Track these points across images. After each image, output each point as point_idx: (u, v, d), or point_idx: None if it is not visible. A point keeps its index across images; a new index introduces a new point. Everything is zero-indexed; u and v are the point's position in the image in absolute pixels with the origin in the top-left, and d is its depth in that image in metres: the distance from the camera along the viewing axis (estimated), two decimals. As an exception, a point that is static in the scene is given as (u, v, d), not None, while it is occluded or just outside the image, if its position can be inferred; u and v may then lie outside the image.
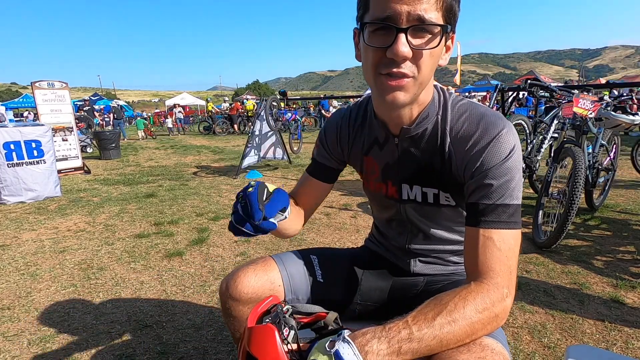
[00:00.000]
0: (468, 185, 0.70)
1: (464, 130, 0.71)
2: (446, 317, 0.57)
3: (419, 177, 0.80)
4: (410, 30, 0.60)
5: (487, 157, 0.67)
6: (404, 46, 0.60)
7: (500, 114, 0.72)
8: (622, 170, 4.76)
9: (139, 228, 3.27)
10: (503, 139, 0.67)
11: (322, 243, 2.80)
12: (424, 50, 0.62)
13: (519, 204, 0.68)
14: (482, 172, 0.67)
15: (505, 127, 0.68)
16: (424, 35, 0.61)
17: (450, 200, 0.79)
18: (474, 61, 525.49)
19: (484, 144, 0.68)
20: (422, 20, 0.59)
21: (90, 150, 9.29)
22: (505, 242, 0.65)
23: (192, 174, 6.00)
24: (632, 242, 2.54)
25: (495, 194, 0.66)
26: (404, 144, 0.78)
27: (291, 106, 8.66)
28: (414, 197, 0.82)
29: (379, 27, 0.62)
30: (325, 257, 0.98)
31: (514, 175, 0.67)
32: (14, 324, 1.83)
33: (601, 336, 1.58)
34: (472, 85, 32.33)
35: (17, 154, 4.33)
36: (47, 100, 6.30)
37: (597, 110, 2.82)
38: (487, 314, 0.59)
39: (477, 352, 0.58)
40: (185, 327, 1.76)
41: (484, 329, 0.59)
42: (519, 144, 0.69)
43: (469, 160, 0.69)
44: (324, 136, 0.92)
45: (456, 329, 0.56)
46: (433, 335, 0.55)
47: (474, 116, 0.71)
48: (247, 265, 0.89)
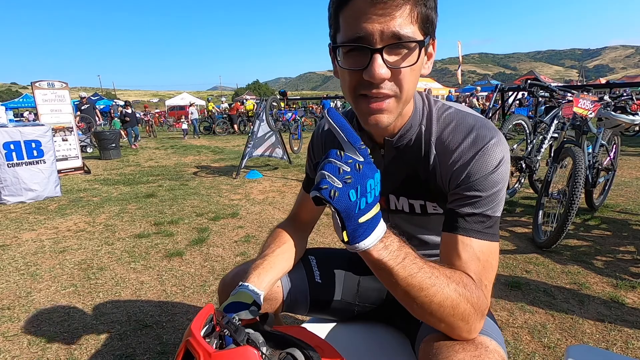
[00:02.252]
0: (452, 193, 0.68)
1: (449, 141, 0.69)
2: (444, 276, 0.57)
3: (405, 189, 0.78)
4: (386, 49, 0.56)
5: (473, 168, 0.65)
6: (381, 67, 0.56)
7: (490, 124, 0.69)
8: (622, 170, 4.76)
9: (139, 228, 3.27)
10: (490, 150, 0.65)
11: (322, 243, 2.80)
12: (404, 68, 0.59)
13: (499, 217, 0.66)
14: (467, 184, 0.65)
15: (493, 138, 0.65)
16: (400, 52, 0.58)
17: (437, 209, 0.78)
18: (474, 61, 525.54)
19: (470, 156, 0.66)
20: (398, 38, 0.56)
21: (90, 150, 9.29)
22: (484, 252, 0.63)
23: (192, 174, 6.00)
24: (632, 242, 2.54)
25: (477, 204, 0.65)
26: (390, 154, 0.76)
27: (291, 106, 8.66)
28: (402, 208, 0.81)
29: (352, 49, 0.59)
30: (323, 257, 0.98)
31: (500, 189, 0.65)
32: (14, 324, 1.83)
33: (601, 336, 1.58)
34: (472, 85, 32.31)
35: (17, 154, 4.33)
36: (47, 100, 6.30)
37: (597, 111, 2.82)
38: (466, 295, 0.58)
39: (472, 350, 0.59)
40: (185, 327, 1.76)
41: (461, 316, 0.58)
42: (508, 155, 0.67)
43: (454, 171, 0.67)
44: (312, 151, 0.92)
45: (446, 290, 0.56)
46: (430, 274, 0.56)
47: (462, 127, 0.69)
48: (245, 265, 0.89)
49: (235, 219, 3.45)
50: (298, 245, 0.90)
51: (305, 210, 0.95)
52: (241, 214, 3.60)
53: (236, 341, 0.54)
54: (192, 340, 0.54)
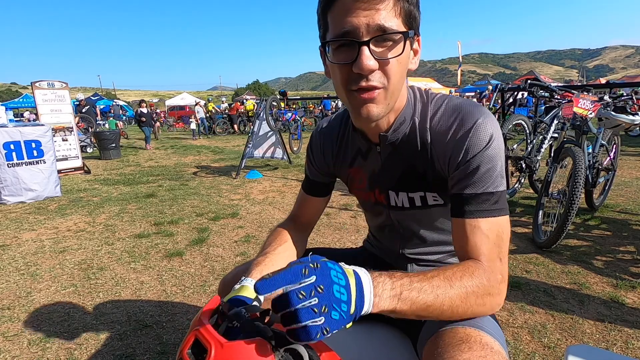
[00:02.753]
0: (452, 177, 0.70)
1: (441, 125, 0.71)
2: (444, 280, 0.59)
3: (404, 183, 0.80)
4: (373, 41, 0.59)
5: (467, 147, 0.67)
6: (369, 59, 0.59)
7: (477, 104, 0.72)
8: (622, 170, 4.76)
9: (139, 228, 3.27)
10: (481, 127, 0.67)
11: (322, 243, 2.80)
12: (391, 59, 0.61)
13: (504, 190, 0.68)
14: (464, 163, 0.68)
15: (481, 116, 0.68)
16: (386, 44, 0.61)
17: (438, 199, 0.79)
18: (474, 61, 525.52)
19: (462, 135, 0.68)
20: (383, 30, 0.59)
21: (90, 150, 9.29)
22: (493, 230, 0.66)
23: (192, 174, 6.00)
24: (632, 242, 2.54)
25: (478, 183, 0.67)
26: (386, 151, 0.78)
27: (291, 106, 8.68)
28: (402, 204, 0.82)
29: (341, 44, 0.62)
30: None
31: (496, 163, 0.67)
32: (14, 324, 1.83)
33: (601, 336, 1.59)
34: (472, 85, 32.29)
35: (17, 154, 4.33)
36: (47, 100, 6.30)
37: (597, 111, 2.82)
38: (482, 289, 0.61)
39: (478, 350, 0.59)
40: (185, 327, 1.76)
41: (477, 303, 0.61)
42: (499, 131, 0.69)
43: (450, 153, 0.69)
44: (311, 153, 0.94)
45: (451, 293, 0.59)
46: (431, 290, 0.57)
47: (449, 109, 0.71)
48: (245, 265, 0.89)
49: (235, 219, 3.45)
50: (298, 244, 0.90)
51: (306, 211, 0.96)
52: (241, 214, 3.60)
53: (245, 333, 0.53)
54: (203, 330, 0.53)
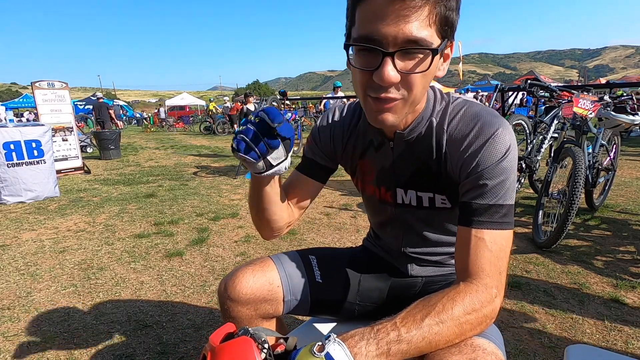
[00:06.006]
0: (463, 184, 0.69)
1: (459, 130, 0.70)
2: (434, 318, 0.56)
3: (414, 182, 0.79)
4: (398, 53, 0.56)
5: (482, 157, 0.66)
6: (391, 71, 0.56)
7: (496, 113, 0.70)
8: (622, 170, 4.76)
9: (139, 228, 3.27)
10: (499, 138, 0.65)
11: (322, 243, 2.80)
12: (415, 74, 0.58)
13: (512, 204, 0.67)
14: (477, 172, 0.66)
15: (501, 127, 0.66)
16: (414, 57, 0.57)
17: (446, 203, 0.78)
18: (474, 61, 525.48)
19: (480, 144, 0.66)
20: (412, 42, 0.55)
21: (90, 150, 9.30)
22: (497, 242, 0.64)
23: (192, 174, 6.00)
24: (632, 242, 2.54)
25: (489, 194, 0.65)
26: (399, 148, 0.76)
27: (291, 106, 8.68)
28: (409, 202, 0.81)
29: (364, 48, 0.58)
30: (324, 257, 0.97)
31: (509, 175, 0.66)
32: (14, 324, 1.83)
33: (601, 336, 1.59)
34: (472, 85, 32.29)
35: (17, 154, 4.33)
36: (47, 100, 6.30)
37: (597, 111, 2.82)
38: (475, 315, 0.59)
39: (469, 352, 0.58)
40: (185, 327, 1.76)
41: (473, 329, 0.60)
42: (515, 143, 0.68)
43: (464, 160, 0.68)
44: (318, 134, 0.90)
45: (444, 330, 0.56)
46: (422, 337, 0.55)
47: (469, 115, 0.70)
48: (245, 265, 0.89)
49: (235, 219, 3.45)
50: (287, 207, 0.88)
51: (292, 191, 0.91)
52: (241, 214, 3.60)
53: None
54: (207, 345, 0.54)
